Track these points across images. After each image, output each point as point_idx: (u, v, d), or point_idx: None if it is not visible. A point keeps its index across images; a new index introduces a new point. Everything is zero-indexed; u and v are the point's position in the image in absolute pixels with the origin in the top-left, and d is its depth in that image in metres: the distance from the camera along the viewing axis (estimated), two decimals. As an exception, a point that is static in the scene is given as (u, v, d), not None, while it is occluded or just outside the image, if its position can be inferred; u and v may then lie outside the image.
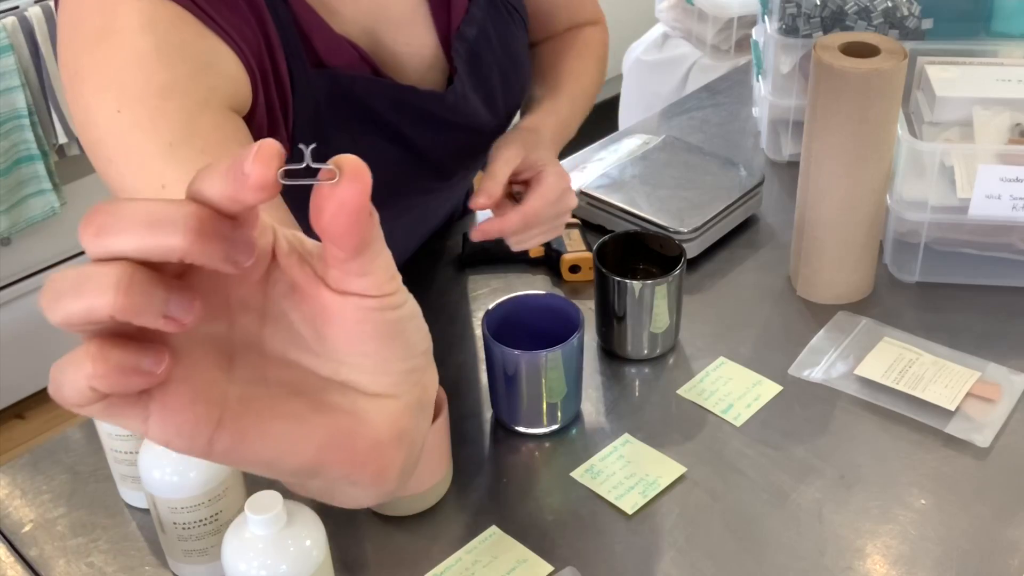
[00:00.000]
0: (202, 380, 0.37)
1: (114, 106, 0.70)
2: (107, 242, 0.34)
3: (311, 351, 0.41)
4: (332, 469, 0.40)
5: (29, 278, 2.22)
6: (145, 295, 0.34)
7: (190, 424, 0.37)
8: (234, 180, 0.34)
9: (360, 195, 0.36)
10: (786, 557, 0.84)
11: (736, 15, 2.34)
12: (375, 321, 0.40)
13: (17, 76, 1.96)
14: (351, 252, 0.37)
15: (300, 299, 0.40)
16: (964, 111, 1.15)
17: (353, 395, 0.41)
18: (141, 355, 0.35)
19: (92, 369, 0.34)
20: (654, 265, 1.06)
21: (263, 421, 0.39)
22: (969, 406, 0.96)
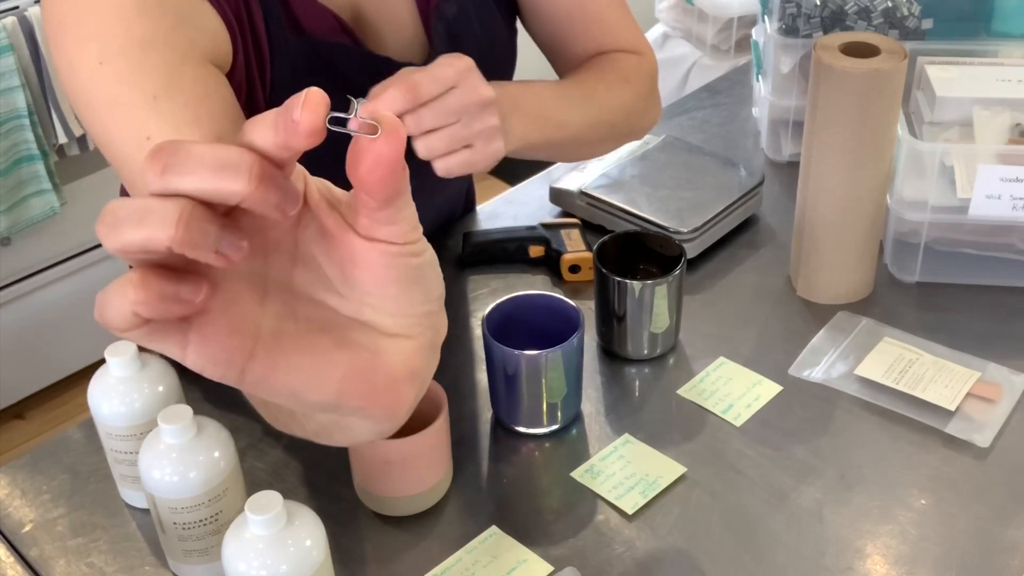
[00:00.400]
0: (238, 314, 0.41)
1: (96, 58, 0.71)
2: (172, 180, 0.37)
3: (337, 292, 0.44)
4: (350, 401, 0.44)
5: (29, 278, 2.22)
6: (202, 231, 0.37)
7: (225, 353, 0.40)
8: (284, 128, 0.38)
9: (396, 151, 0.40)
10: (786, 557, 0.84)
11: (736, 15, 2.34)
12: (398, 267, 0.43)
13: (17, 76, 1.96)
14: (382, 202, 0.41)
15: (329, 243, 0.43)
16: (964, 111, 1.15)
17: (373, 334, 0.44)
18: (181, 284, 0.38)
19: (135, 295, 0.37)
20: (654, 265, 1.06)
21: (291, 354, 0.42)
22: (969, 406, 0.96)
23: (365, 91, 0.90)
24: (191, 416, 0.78)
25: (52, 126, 2.06)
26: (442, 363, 1.08)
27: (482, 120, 0.81)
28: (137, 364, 0.84)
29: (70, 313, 2.31)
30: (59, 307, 2.29)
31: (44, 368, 2.34)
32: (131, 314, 0.37)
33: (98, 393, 0.85)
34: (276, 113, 0.38)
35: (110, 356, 0.84)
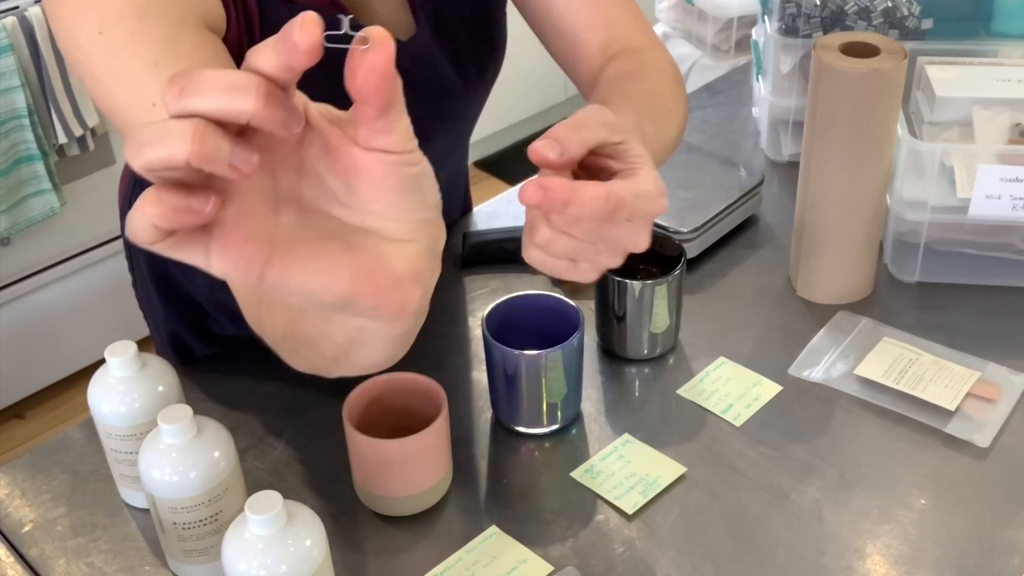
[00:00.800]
0: (253, 224, 0.46)
1: (95, 28, 0.72)
2: (188, 102, 0.42)
3: (341, 202, 0.49)
4: (361, 300, 0.48)
5: (29, 278, 2.22)
6: (216, 146, 0.41)
7: (244, 259, 0.45)
8: (285, 50, 0.42)
9: (386, 59, 0.45)
10: (786, 557, 0.84)
11: (736, 15, 2.34)
12: (397, 174, 0.48)
13: (17, 76, 1.97)
14: (379, 109, 0.46)
15: (332, 157, 0.48)
16: (964, 111, 1.15)
17: (376, 239, 0.49)
18: (191, 197, 0.43)
19: (151, 210, 0.42)
20: (654, 265, 1.06)
21: (304, 259, 0.47)
22: (969, 406, 0.96)
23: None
24: (191, 416, 0.78)
25: (52, 126, 2.07)
26: (442, 363, 1.08)
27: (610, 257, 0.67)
28: (137, 364, 0.84)
29: (70, 313, 2.31)
30: (59, 307, 2.29)
31: (44, 368, 2.34)
32: (152, 227, 0.43)
33: (98, 393, 0.85)
34: (276, 38, 0.42)
35: (110, 356, 0.84)
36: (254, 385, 1.02)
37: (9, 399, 2.32)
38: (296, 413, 0.99)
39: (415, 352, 1.03)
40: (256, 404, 1.00)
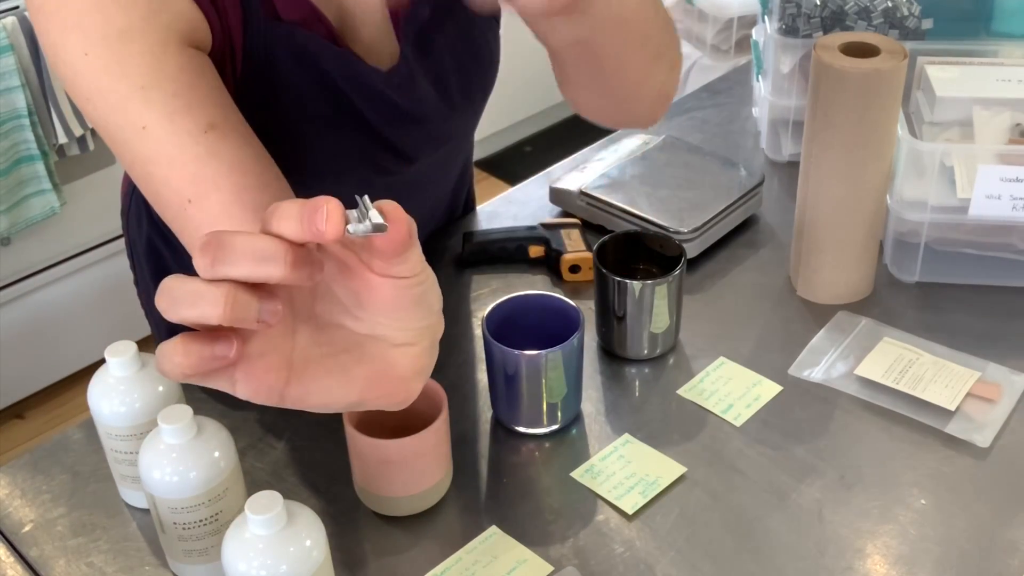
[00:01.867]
0: (274, 354, 0.51)
1: (80, 48, 0.72)
2: (221, 270, 0.47)
3: (352, 315, 0.54)
4: (370, 402, 0.55)
5: (29, 278, 2.22)
6: (246, 308, 0.47)
7: (266, 386, 0.51)
8: (310, 231, 0.47)
9: (403, 233, 0.50)
10: (786, 557, 0.84)
11: (736, 15, 2.34)
12: (406, 295, 0.53)
13: (17, 76, 1.97)
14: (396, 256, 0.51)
15: (346, 277, 0.52)
16: (964, 111, 1.15)
17: (384, 346, 0.54)
18: (216, 345, 0.48)
19: (180, 360, 0.47)
20: (654, 265, 1.06)
21: (319, 376, 0.53)
22: (969, 406, 0.96)
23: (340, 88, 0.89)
24: (191, 416, 0.78)
25: (52, 126, 2.06)
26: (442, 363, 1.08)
27: None
28: (137, 364, 0.84)
29: (70, 313, 2.31)
30: (59, 307, 2.29)
31: (44, 368, 2.34)
32: (181, 373, 0.48)
33: (98, 393, 0.85)
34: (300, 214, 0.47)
35: (110, 356, 0.84)
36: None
37: (9, 399, 2.32)
38: (296, 413, 0.98)
39: (415, 352, 1.03)
40: (256, 404, 1.00)
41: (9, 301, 2.21)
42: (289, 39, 0.85)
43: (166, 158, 0.72)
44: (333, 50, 0.88)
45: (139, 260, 1.13)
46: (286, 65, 0.86)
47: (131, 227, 1.12)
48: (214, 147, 0.72)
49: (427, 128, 0.99)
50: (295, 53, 0.86)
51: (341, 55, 0.89)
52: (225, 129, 0.73)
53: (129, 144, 0.73)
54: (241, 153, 0.73)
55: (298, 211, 0.47)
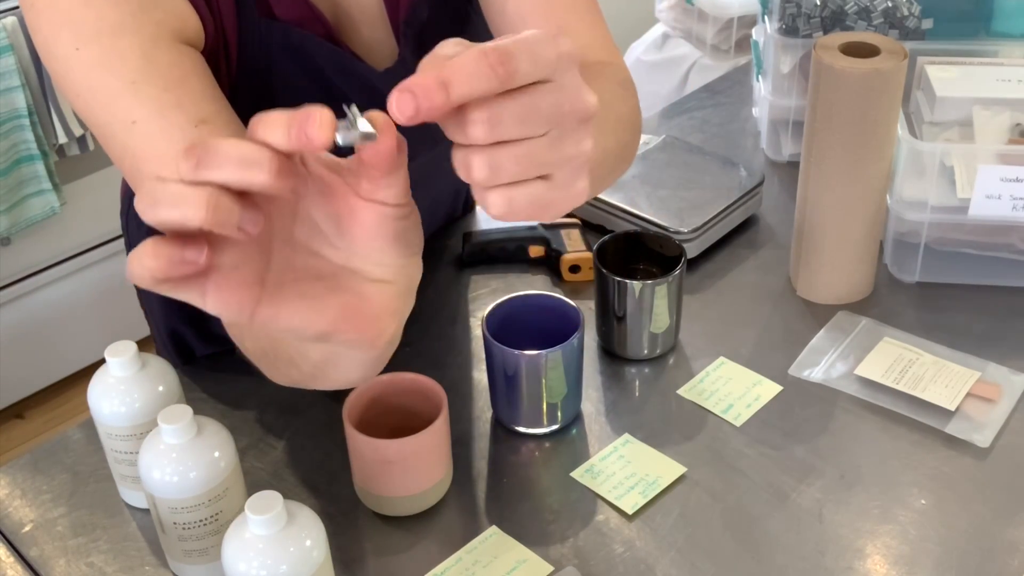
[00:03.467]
0: (247, 269, 0.49)
1: (72, 44, 0.72)
2: (204, 173, 0.45)
3: (330, 243, 0.53)
4: (341, 335, 0.52)
5: (29, 278, 2.22)
6: (228, 212, 0.45)
7: (237, 302, 0.49)
8: (298, 139, 0.46)
9: (392, 143, 0.49)
10: (786, 557, 0.84)
11: (736, 15, 2.34)
12: (390, 225, 0.52)
13: (17, 76, 1.97)
14: (385, 173, 0.50)
15: (328, 201, 0.52)
16: (964, 111, 1.15)
17: (359, 279, 0.53)
18: (185, 249, 0.46)
19: (150, 262, 0.46)
20: (654, 265, 1.06)
21: (292, 299, 0.51)
22: (969, 406, 0.96)
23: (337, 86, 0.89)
24: (191, 416, 0.78)
25: (52, 126, 2.07)
26: (442, 363, 1.08)
27: (575, 141, 0.54)
28: (137, 364, 0.84)
29: (70, 313, 2.31)
30: (59, 307, 2.29)
31: (44, 368, 2.34)
32: (150, 276, 0.46)
33: (98, 393, 0.85)
34: (288, 120, 0.46)
35: (110, 356, 0.84)
36: (254, 385, 1.02)
37: (9, 399, 2.32)
38: (296, 413, 0.99)
39: (415, 352, 1.03)
40: (256, 404, 1.00)
41: (9, 301, 2.21)
42: (284, 38, 0.85)
43: (155, 153, 0.72)
44: (329, 48, 0.88)
45: (139, 260, 1.13)
46: (282, 64, 0.86)
47: (131, 227, 1.12)
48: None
49: (426, 126, 0.99)
50: (291, 52, 0.86)
51: (337, 53, 0.89)
52: (216, 124, 0.73)
53: (119, 139, 0.73)
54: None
55: (286, 119, 0.46)
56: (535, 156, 0.52)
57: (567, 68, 0.53)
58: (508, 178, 0.52)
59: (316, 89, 0.89)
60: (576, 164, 0.55)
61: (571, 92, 0.53)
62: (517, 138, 0.51)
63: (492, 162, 0.51)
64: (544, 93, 0.51)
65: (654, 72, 2.55)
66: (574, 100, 0.53)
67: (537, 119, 0.51)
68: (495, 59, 0.49)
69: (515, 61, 0.49)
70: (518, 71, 0.49)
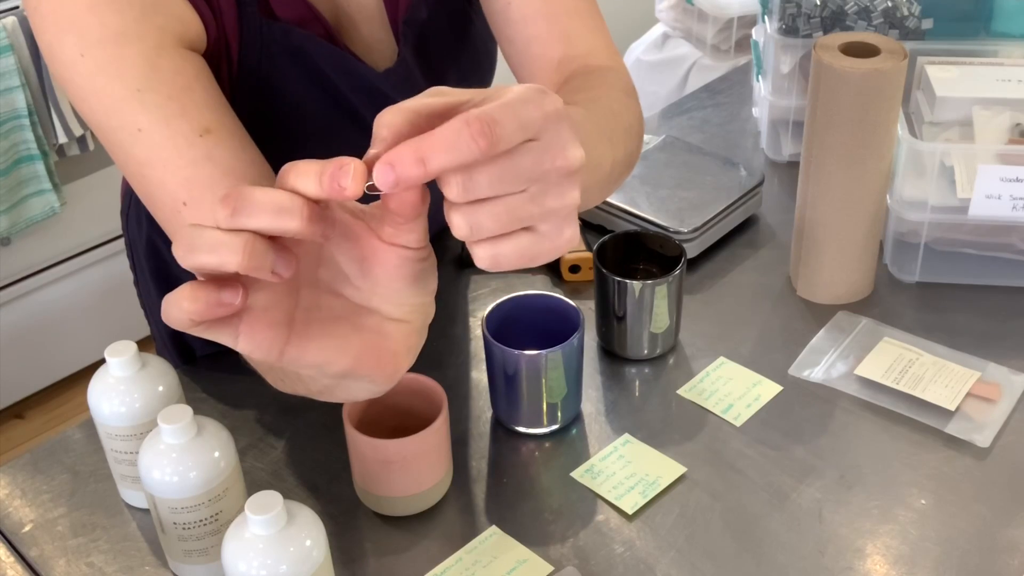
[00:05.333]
0: (278, 310, 0.52)
1: (76, 50, 0.72)
2: (240, 221, 0.48)
3: (352, 285, 0.56)
4: (362, 372, 0.55)
5: (29, 278, 2.22)
6: (263, 257, 0.48)
7: (267, 342, 0.52)
8: (330, 188, 0.48)
9: (418, 196, 0.51)
10: (786, 557, 0.84)
11: (736, 15, 2.34)
12: (409, 267, 0.55)
13: (17, 76, 1.97)
14: (408, 219, 0.53)
15: (353, 245, 0.55)
16: (964, 111, 1.15)
17: (379, 319, 0.56)
18: (222, 292, 0.49)
19: (188, 307, 0.49)
20: (654, 265, 1.06)
21: (317, 338, 0.54)
22: (969, 406, 0.96)
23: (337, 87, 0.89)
24: (191, 416, 0.78)
25: (52, 126, 2.07)
26: (442, 363, 1.08)
27: (559, 194, 0.54)
28: (137, 364, 0.84)
29: (70, 313, 2.31)
30: (59, 307, 2.29)
31: (44, 368, 2.34)
32: (188, 320, 0.49)
33: (98, 393, 0.85)
34: (320, 171, 0.48)
35: (110, 356, 0.84)
36: (254, 385, 1.02)
37: (9, 399, 2.32)
38: (296, 413, 0.99)
39: (415, 352, 1.03)
40: (256, 404, 1.00)
41: (9, 301, 2.21)
42: (285, 39, 0.85)
43: (161, 161, 0.72)
44: (329, 48, 0.88)
45: (139, 260, 1.13)
46: (282, 65, 0.86)
47: (131, 227, 1.12)
48: (209, 151, 0.73)
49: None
50: (291, 53, 0.86)
51: (338, 54, 0.89)
52: (221, 133, 0.74)
53: (124, 146, 0.73)
54: (236, 157, 0.74)
55: (318, 168, 0.48)
56: (515, 212, 0.52)
57: (553, 126, 0.52)
58: (489, 233, 0.52)
59: (316, 90, 0.89)
60: (561, 216, 0.54)
61: (555, 149, 0.52)
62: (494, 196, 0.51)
63: (471, 220, 0.51)
64: (525, 153, 0.51)
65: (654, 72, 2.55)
66: (557, 157, 0.52)
67: (515, 178, 0.51)
68: (477, 130, 0.48)
69: (498, 129, 0.49)
70: (501, 139, 0.49)
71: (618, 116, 0.83)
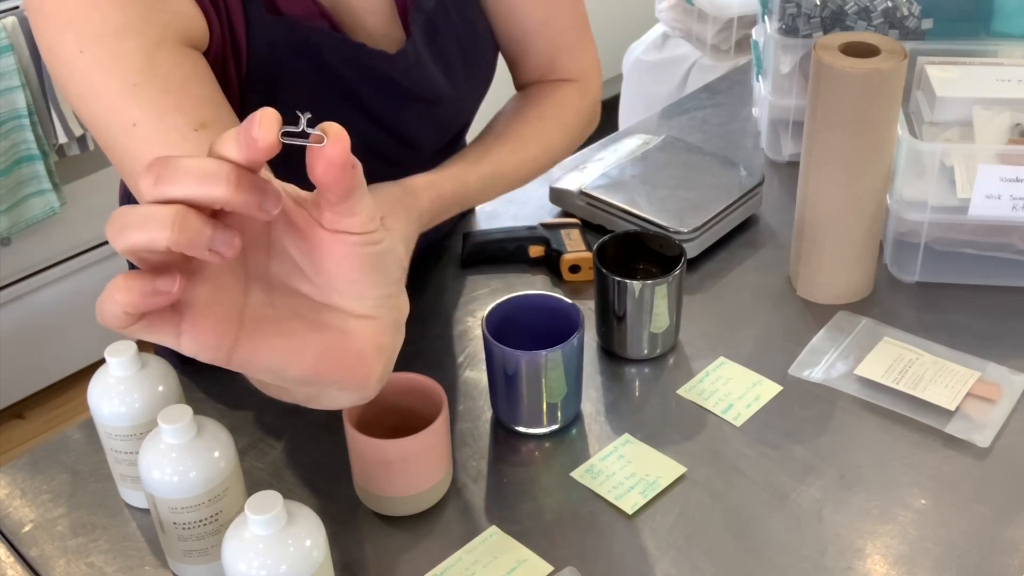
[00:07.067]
0: (223, 306, 0.48)
1: (76, 46, 0.72)
2: (164, 189, 0.44)
3: (308, 280, 0.51)
4: (325, 376, 0.51)
5: (29, 278, 2.22)
6: (195, 231, 0.44)
7: (214, 341, 0.47)
8: (246, 144, 0.44)
9: (343, 153, 0.46)
10: (786, 557, 0.84)
11: (736, 15, 2.34)
12: (360, 254, 0.50)
13: (17, 76, 1.97)
14: (340, 196, 0.48)
15: (298, 236, 0.50)
16: (964, 111, 1.15)
17: (342, 316, 0.52)
18: (157, 280, 0.45)
19: (121, 298, 0.44)
20: (654, 265, 1.06)
21: (271, 338, 0.49)
22: (969, 406, 0.96)
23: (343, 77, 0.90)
24: (191, 416, 0.78)
25: (52, 126, 2.07)
26: (442, 363, 1.08)
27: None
28: (137, 364, 0.84)
29: (70, 313, 2.31)
30: (59, 307, 2.29)
31: (44, 368, 2.34)
32: (123, 314, 0.45)
33: (98, 393, 0.85)
34: (237, 131, 0.45)
35: (110, 356, 0.84)
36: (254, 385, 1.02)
37: (9, 399, 2.32)
38: (296, 413, 0.99)
39: (415, 352, 1.03)
40: (256, 404, 1.00)
41: (9, 301, 2.21)
42: (291, 33, 0.85)
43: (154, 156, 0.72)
44: (336, 38, 0.88)
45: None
46: (289, 59, 0.86)
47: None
48: (204, 146, 0.72)
49: (432, 113, 0.99)
50: (297, 47, 0.86)
51: (344, 42, 0.89)
52: (217, 128, 0.73)
53: (119, 141, 0.73)
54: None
55: (235, 132, 0.45)
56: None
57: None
58: None
59: (323, 82, 0.89)
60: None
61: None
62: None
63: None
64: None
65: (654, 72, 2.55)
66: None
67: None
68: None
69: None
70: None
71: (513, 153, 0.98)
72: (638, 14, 2.84)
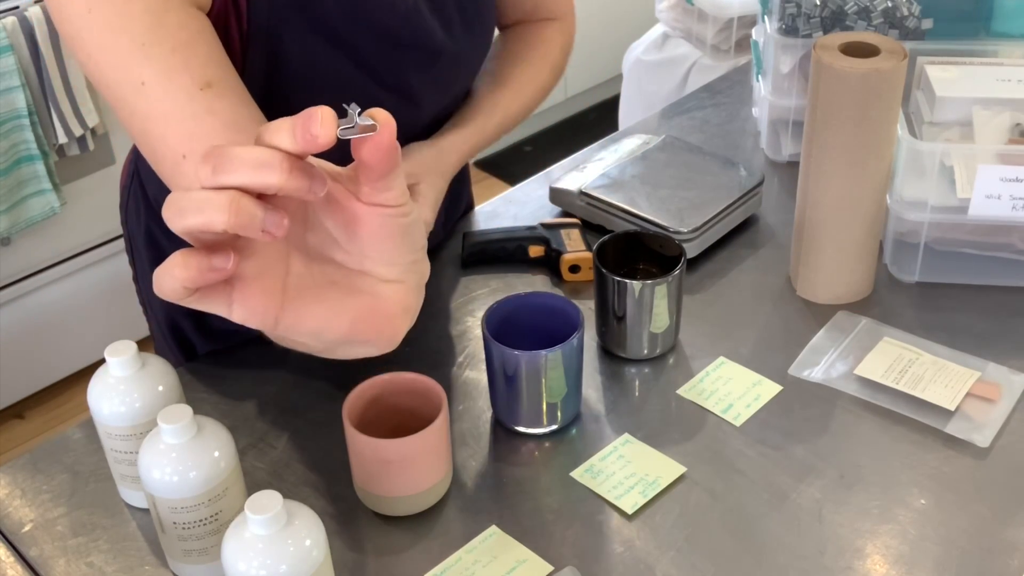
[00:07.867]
0: (269, 277, 0.53)
1: (84, 5, 0.73)
2: (222, 177, 0.48)
3: (342, 249, 0.56)
4: (359, 336, 0.56)
5: (29, 278, 2.22)
6: (250, 215, 0.48)
7: (261, 309, 0.52)
8: (303, 139, 0.48)
9: (390, 138, 0.51)
10: (786, 557, 0.84)
11: (736, 15, 2.34)
12: (392, 225, 0.55)
13: (17, 76, 1.97)
14: (380, 175, 0.52)
15: (335, 209, 0.54)
16: (964, 111, 1.15)
17: (372, 281, 0.56)
18: (213, 258, 0.49)
19: (180, 273, 0.49)
20: (654, 265, 1.06)
21: (311, 304, 0.54)
22: (969, 406, 0.96)
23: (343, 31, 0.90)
24: (191, 416, 0.78)
25: (52, 126, 2.07)
26: (442, 363, 1.08)
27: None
28: (137, 364, 0.84)
29: (70, 313, 2.31)
30: (59, 307, 2.29)
31: (44, 368, 2.34)
32: (181, 288, 0.49)
33: (98, 393, 0.85)
34: (292, 124, 0.48)
35: (110, 356, 0.84)
36: (254, 385, 1.02)
37: (9, 399, 2.32)
38: (296, 413, 0.99)
39: (415, 352, 1.03)
40: (256, 404, 1.00)
41: (9, 301, 2.21)
42: None
43: (162, 114, 0.73)
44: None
45: (138, 252, 1.13)
46: (291, 18, 0.86)
47: (130, 219, 1.12)
48: (210, 105, 0.73)
49: (433, 68, 0.99)
50: (299, 5, 0.86)
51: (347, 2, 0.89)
52: (222, 88, 0.74)
53: (128, 100, 0.74)
54: (237, 112, 0.74)
55: (290, 123, 0.49)
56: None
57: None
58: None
59: (326, 42, 0.89)
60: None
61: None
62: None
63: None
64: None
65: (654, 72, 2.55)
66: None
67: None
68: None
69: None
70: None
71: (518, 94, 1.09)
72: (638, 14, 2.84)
